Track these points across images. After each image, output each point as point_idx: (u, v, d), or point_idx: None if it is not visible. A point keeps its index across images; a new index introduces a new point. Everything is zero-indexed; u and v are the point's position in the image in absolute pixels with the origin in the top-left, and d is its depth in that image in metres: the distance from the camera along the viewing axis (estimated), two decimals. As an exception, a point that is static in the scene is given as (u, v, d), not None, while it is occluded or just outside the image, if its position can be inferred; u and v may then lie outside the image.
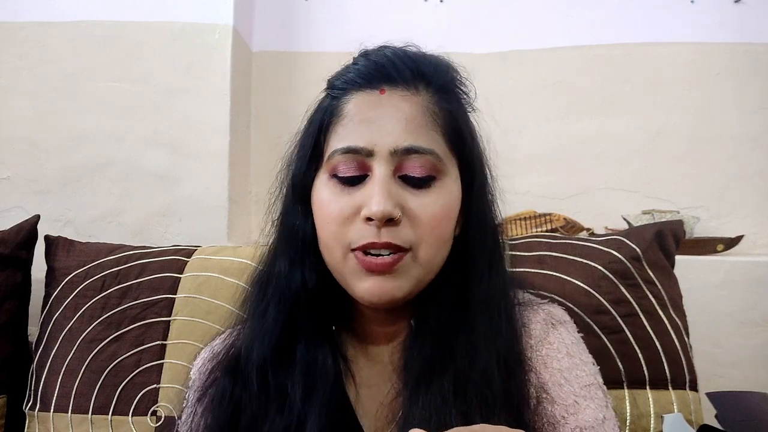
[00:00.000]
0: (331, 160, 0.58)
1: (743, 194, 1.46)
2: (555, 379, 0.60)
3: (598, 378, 0.62)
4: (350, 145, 0.57)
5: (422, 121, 0.58)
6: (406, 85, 0.59)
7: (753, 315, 1.21)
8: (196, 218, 1.38)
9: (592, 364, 0.63)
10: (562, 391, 0.59)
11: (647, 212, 1.37)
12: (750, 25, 1.50)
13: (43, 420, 0.94)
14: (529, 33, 1.58)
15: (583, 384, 0.60)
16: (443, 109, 0.60)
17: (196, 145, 1.40)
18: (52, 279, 1.04)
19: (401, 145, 0.56)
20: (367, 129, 0.57)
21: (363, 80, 0.60)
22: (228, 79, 1.42)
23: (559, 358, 0.61)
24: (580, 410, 0.58)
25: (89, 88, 1.41)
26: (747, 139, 1.47)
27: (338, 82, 0.62)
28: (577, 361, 0.61)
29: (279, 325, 0.61)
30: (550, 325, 0.63)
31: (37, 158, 1.39)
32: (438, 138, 0.58)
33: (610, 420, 0.59)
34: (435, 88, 0.60)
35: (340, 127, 0.59)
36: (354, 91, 0.60)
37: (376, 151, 0.56)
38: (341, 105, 0.60)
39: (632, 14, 1.55)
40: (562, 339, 0.62)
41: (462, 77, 0.65)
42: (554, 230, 1.29)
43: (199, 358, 0.69)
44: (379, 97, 0.58)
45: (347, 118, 0.59)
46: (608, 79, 1.54)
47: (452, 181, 0.59)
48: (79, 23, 1.43)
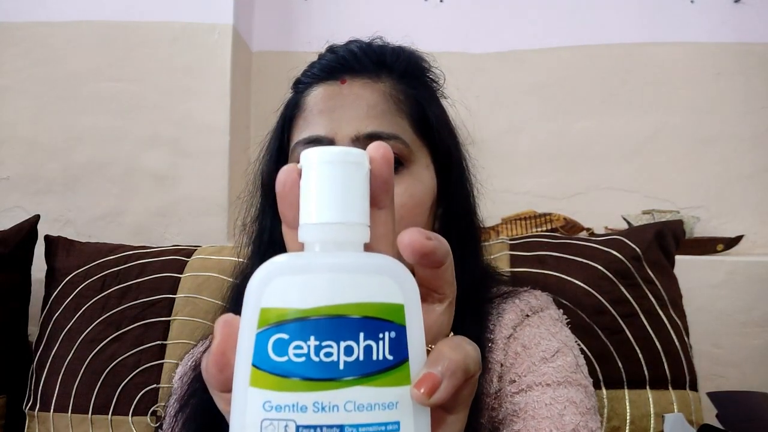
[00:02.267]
0: (294, 154, 0.57)
1: (743, 194, 1.46)
2: (513, 350, 0.56)
3: (573, 351, 0.57)
4: (311, 135, 0.55)
5: (385, 107, 0.56)
6: (368, 74, 0.58)
7: (753, 315, 1.21)
8: (196, 218, 1.38)
9: (566, 337, 0.59)
10: (518, 359, 0.55)
11: (647, 212, 1.37)
12: (750, 25, 1.49)
13: (43, 420, 0.94)
14: (529, 33, 1.58)
15: (544, 349, 0.56)
16: (408, 96, 0.58)
17: (196, 145, 1.40)
18: (52, 279, 1.04)
19: (363, 131, 0.54)
20: (328, 118, 0.55)
21: (325, 73, 0.59)
22: (228, 79, 1.42)
23: (522, 332, 0.57)
24: (535, 370, 0.54)
25: (89, 88, 1.41)
26: (747, 139, 1.47)
27: (303, 77, 0.62)
28: (541, 331, 0.58)
29: None
30: (524, 315, 0.60)
31: (37, 158, 1.39)
32: (404, 124, 0.57)
33: (578, 385, 0.54)
34: (398, 75, 0.59)
35: (301, 120, 0.58)
36: (316, 84, 0.59)
37: (337, 139, 0.54)
38: (303, 98, 0.59)
39: (632, 14, 1.55)
40: (530, 322, 0.59)
41: (430, 65, 0.64)
42: (554, 230, 1.29)
43: (181, 366, 0.67)
44: (340, 87, 0.57)
45: (308, 110, 0.58)
46: (608, 79, 1.54)
47: (423, 169, 0.57)
48: (79, 23, 1.43)
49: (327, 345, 0.24)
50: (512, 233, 1.31)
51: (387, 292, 0.25)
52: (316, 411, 0.23)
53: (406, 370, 0.25)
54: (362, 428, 0.23)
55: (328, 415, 0.23)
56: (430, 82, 0.64)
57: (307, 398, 0.23)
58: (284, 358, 0.24)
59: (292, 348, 0.24)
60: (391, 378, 0.24)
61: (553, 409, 0.51)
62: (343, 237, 0.26)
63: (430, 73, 0.64)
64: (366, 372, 0.24)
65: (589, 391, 0.56)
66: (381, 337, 0.24)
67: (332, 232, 0.26)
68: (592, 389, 0.56)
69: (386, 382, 0.24)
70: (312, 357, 0.23)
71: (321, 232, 0.26)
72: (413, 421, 0.24)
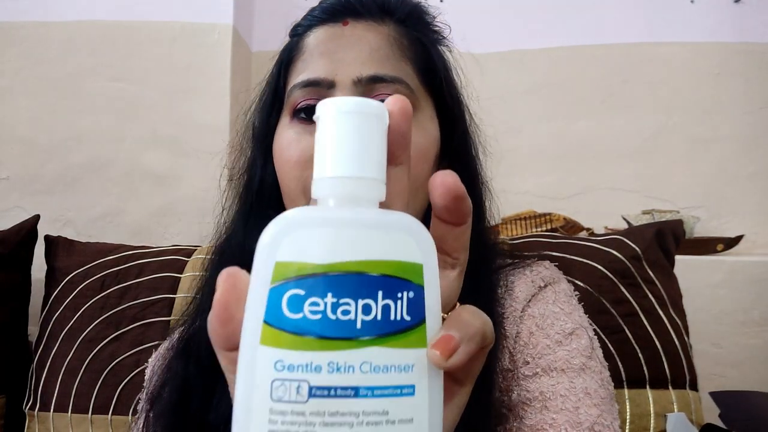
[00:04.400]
0: (291, 98, 0.53)
1: (743, 194, 1.46)
2: (526, 327, 0.54)
3: (588, 332, 0.55)
4: (309, 77, 0.52)
5: (389, 52, 0.53)
6: (372, 17, 0.55)
7: (753, 315, 1.21)
8: (196, 218, 1.38)
9: (580, 316, 0.56)
10: (531, 338, 0.53)
11: (647, 212, 1.37)
12: (750, 25, 1.50)
13: (43, 420, 0.94)
14: (529, 33, 1.58)
15: (559, 330, 0.53)
16: (413, 41, 0.56)
17: (196, 145, 1.40)
18: (52, 279, 1.04)
19: (365, 73, 0.51)
20: (329, 60, 0.52)
21: (327, 14, 0.56)
22: (228, 79, 1.42)
23: (536, 309, 0.55)
24: (549, 353, 0.52)
25: (89, 88, 1.41)
26: (747, 139, 1.47)
27: (303, 20, 0.58)
28: (555, 309, 0.55)
29: None
30: (537, 287, 0.57)
31: (37, 158, 1.39)
32: (408, 70, 0.54)
33: (593, 372, 0.51)
34: (402, 20, 0.57)
35: (299, 63, 0.55)
36: (316, 26, 0.56)
37: (337, 81, 0.51)
38: (301, 41, 0.56)
39: (632, 14, 1.55)
40: (544, 297, 0.56)
41: (433, 15, 0.62)
42: (554, 230, 1.29)
43: (149, 368, 0.63)
44: (342, 29, 0.54)
45: (307, 53, 0.54)
46: (608, 79, 1.54)
47: (427, 119, 0.54)
48: (79, 23, 1.43)
49: (345, 303, 0.22)
50: (512, 233, 1.31)
51: (406, 251, 0.24)
52: (331, 372, 0.22)
53: (423, 332, 0.24)
54: (377, 391, 0.22)
55: (343, 376, 0.22)
56: (435, 32, 0.61)
57: (323, 358, 0.22)
58: (299, 315, 0.22)
59: (308, 305, 0.22)
60: (408, 339, 0.23)
61: (568, 402, 0.49)
62: (360, 192, 0.25)
63: (435, 24, 0.62)
64: (383, 332, 0.23)
65: (605, 378, 0.53)
66: (399, 297, 0.23)
67: (348, 186, 0.24)
68: (607, 374, 0.54)
69: (403, 344, 0.23)
70: (329, 315, 0.22)
71: (337, 186, 0.25)
72: (428, 386, 0.23)
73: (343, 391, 0.22)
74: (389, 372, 0.23)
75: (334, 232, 0.23)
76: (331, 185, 0.25)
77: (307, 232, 0.23)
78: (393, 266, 0.23)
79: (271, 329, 0.22)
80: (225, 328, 0.24)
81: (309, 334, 0.22)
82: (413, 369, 0.23)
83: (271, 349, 0.22)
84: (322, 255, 0.23)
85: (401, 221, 0.24)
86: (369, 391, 0.22)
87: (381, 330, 0.23)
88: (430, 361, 0.24)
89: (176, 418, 0.55)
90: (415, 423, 0.23)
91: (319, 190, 0.25)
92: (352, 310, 0.22)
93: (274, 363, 0.22)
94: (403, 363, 0.23)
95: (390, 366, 0.23)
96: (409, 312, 0.23)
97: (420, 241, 0.24)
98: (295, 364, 0.22)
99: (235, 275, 0.24)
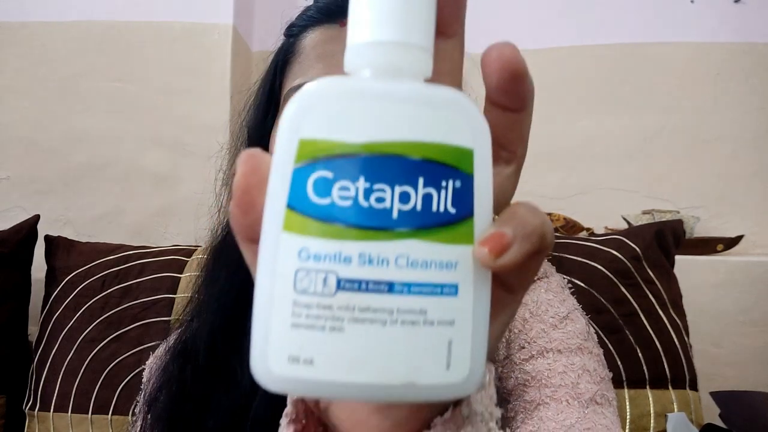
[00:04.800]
0: (287, 101, 0.52)
1: (743, 194, 1.46)
2: (520, 315, 0.53)
3: (582, 317, 0.55)
4: (306, 81, 0.52)
5: None
6: None
7: (753, 315, 1.21)
8: (196, 218, 1.38)
9: (573, 303, 0.56)
10: (526, 325, 0.53)
11: (647, 212, 1.37)
12: (750, 25, 1.50)
13: (43, 420, 0.94)
14: (529, 33, 1.58)
15: (553, 315, 0.53)
16: None
17: (196, 145, 1.40)
18: (52, 279, 1.04)
19: None
20: (326, 62, 0.51)
21: (322, 14, 0.55)
22: (228, 79, 1.42)
23: (528, 297, 0.54)
24: (544, 336, 0.51)
25: (89, 88, 1.41)
26: (747, 139, 1.47)
27: (298, 20, 0.57)
28: (549, 296, 0.55)
29: (231, 294, 0.55)
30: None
31: (37, 158, 1.39)
32: None
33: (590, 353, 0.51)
34: None
35: (296, 65, 0.54)
36: (312, 27, 0.55)
37: None
38: (298, 42, 0.55)
39: (632, 14, 1.55)
40: (536, 287, 0.56)
41: None
42: (554, 230, 1.29)
43: (147, 370, 0.63)
44: (339, 30, 0.53)
45: (303, 55, 0.53)
46: (608, 79, 1.54)
47: None
48: (79, 23, 1.43)
49: (379, 189, 0.19)
50: (512, 233, 1.30)
51: (455, 133, 0.20)
52: (362, 264, 0.19)
53: (470, 227, 0.20)
54: (414, 288, 0.20)
55: (376, 269, 0.19)
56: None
57: (353, 248, 0.19)
58: (327, 200, 0.19)
59: (338, 189, 0.19)
60: (453, 234, 0.20)
61: (567, 378, 0.48)
62: (402, 61, 0.21)
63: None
64: (423, 224, 0.20)
65: (602, 361, 0.53)
66: (444, 186, 0.20)
67: (389, 54, 0.21)
68: (603, 359, 0.54)
69: (446, 239, 0.20)
70: (361, 201, 0.19)
71: (375, 53, 0.21)
72: (473, 287, 0.20)
73: (376, 285, 0.19)
74: (429, 268, 0.20)
75: (369, 106, 0.20)
76: (368, 52, 0.21)
77: (338, 105, 0.20)
78: (438, 149, 0.20)
79: (295, 215, 0.20)
80: (247, 217, 0.21)
81: (338, 221, 0.19)
82: (457, 267, 0.20)
83: (296, 236, 0.20)
84: (355, 133, 0.20)
85: (451, 98, 0.21)
86: (405, 287, 0.20)
87: (421, 221, 0.20)
88: (477, 259, 0.20)
89: (174, 421, 0.55)
90: (457, 326, 0.20)
91: (352, 58, 0.21)
92: (387, 198, 0.19)
93: (299, 251, 0.20)
94: (445, 259, 0.20)
95: (430, 261, 0.20)
96: (455, 203, 0.20)
97: (472, 123, 0.21)
98: (321, 253, 0.19)
99: (257, 156, 0.21)
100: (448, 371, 0.20)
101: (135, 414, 0.62)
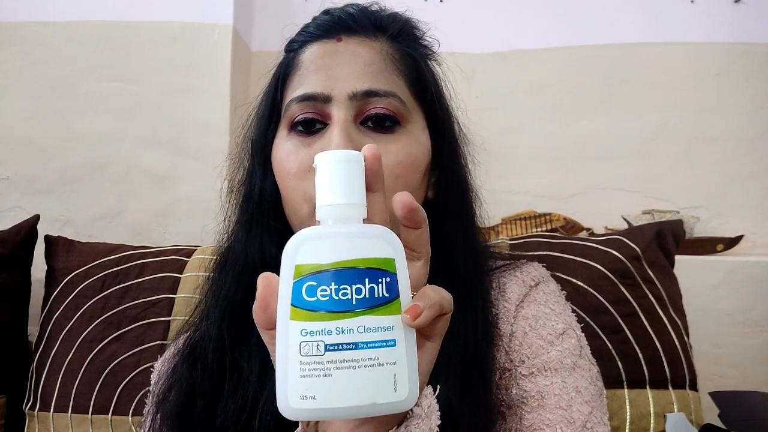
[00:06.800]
0: (288, 112, 0.56)
1: (743, 194, 1.46)
2: (520, 328, 0.57)
3: (576, 331, 0.59)
4: (306, 92, 0.54)
5: (382, 66, 0.56)
6: (365, 33, 0.58)
7: (753, 315, 1.21)
8: (196, 218, 1.38)
9: (569, 316, 0.60)
10: (526, 338, 0.56)
11: (647, 212, 1.37)
12: (750, 25, 1.50)
13: (43, 420, 0.94)
14: (529, 33, 1.58)
15: (551, 331, 0.57)
16: (404, 55, 0.58)
17: (196, 145, 1.40)
18: (52, 279, 1.04)
19: (360, 88, 0.53)
20: (324, 75, 0.54)
21: (321, 31, 0.58)
22: (228, 79, 1.42)
23: (529, 310, 0.58)
24: (543, 353, 0.55)
25: (89, 88, 1.41)
26: (747, 139, 1.47)
27: (298, 36, 0.61)
28: (546, 310, 0.58)
29: (237, 300, 0.57)
30: (528, 287, 0.60)
31: (37, 158, 1.39)
32: (400, 84, 0.56)
33: (583, 370, 0.55)
34: (394, 35, 0.59)
35: (296, 78, 0.57)
36: (311, 42, 0.58)
37: (333, 95, 0.53)
38: (297, 56, 0.58)
39: (632, 14, 1.55)
40: (536, 297, 0.60)
41: (424, 33, 0.64)
42: (554, 230, 1.29)
43: (155, 372, 0.65)
44: (336, 44, 0.56)
45: (303, 68, 0.57)
46: (608, 79, 1.54)
47: (419, 130, 0.57)
48: (79, 23, 1.43)
49: (343, 287, 0.33)
50: (512, 233, 1.31)
51: (382, 250, 0.34)
52: (338, 333, 0.32)
53: (398, 303, 0.34)
54: (370, 344, 0.33)
55: (346, 336, 0.32)
56: (424, 47, 0.63)
57: (331, 325, 0.32)
58: (314, 298, 0.33)
59: (319, 291, 0.33)
60: (388, 309, 0.34)
61: (562, 401, 0.53)
62: (348, 213, 0.35)
63: (425, 39, 0.64)
64: (371, 305, 0.33)
65: (593, 375, 0.57)
66: (380, 281, 0.33)
67: (341, 210, 0.35)
68: (595, 370, 0.58)
69: (385, 312, 0.33)
70: (333, 296, 0.33)
71: (333, 210, 0.35)
72: (405, 339, 0.34)
73: (347, 345, 0.32)
74: (377, 331, 0.33)
75: (332, 241, 0.34)
76: (329, 210, 0.35)
77: (316, 242, 0.34)
78: (374, 261, 0.34)
79: (296, 309, 0.33)
80: (265, 313, 0.35)
81: (321, 310, 0.33)
82: (394, 328, 0.34)
83: (298, 323, 0.33)
84: (326, 257, 0.33)
85: (378, 231, 0.35)
86: (365, 345, 0.33)
87: (369, 304, 0.33)
88: (404, 322, 0.34)
89: (182, 421, 0.56)
90: (398, 365, 0.33)
91: (321, 213, 0.35)
92: (348, 292, 0.33)
93: (300, 330, 0.33)
94: (386, 325, 0.33)
95: (377, 327, 0.33)
96: (388, 291, 0.34)
97: (392, 243, 0.35)
98: (314, 330, 0.32)
99: (269, 278, 0.35)
100: (395, 393, 0.33)
101: (138, 412, 0.63)
